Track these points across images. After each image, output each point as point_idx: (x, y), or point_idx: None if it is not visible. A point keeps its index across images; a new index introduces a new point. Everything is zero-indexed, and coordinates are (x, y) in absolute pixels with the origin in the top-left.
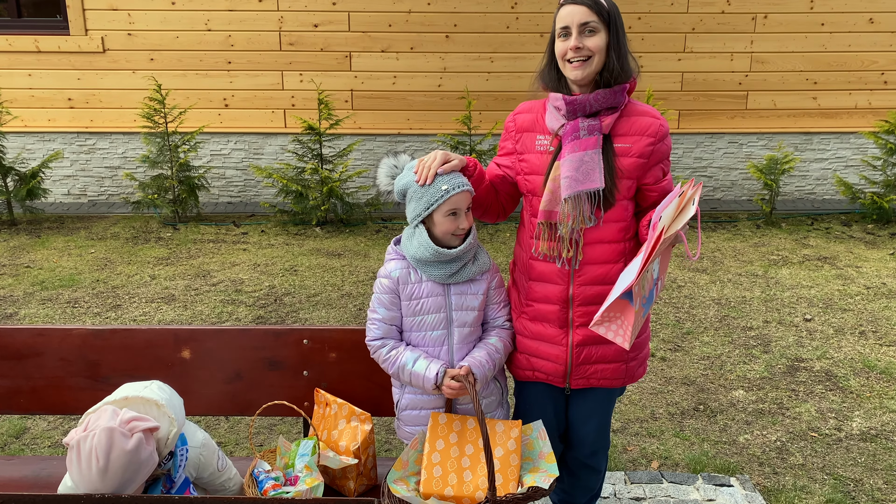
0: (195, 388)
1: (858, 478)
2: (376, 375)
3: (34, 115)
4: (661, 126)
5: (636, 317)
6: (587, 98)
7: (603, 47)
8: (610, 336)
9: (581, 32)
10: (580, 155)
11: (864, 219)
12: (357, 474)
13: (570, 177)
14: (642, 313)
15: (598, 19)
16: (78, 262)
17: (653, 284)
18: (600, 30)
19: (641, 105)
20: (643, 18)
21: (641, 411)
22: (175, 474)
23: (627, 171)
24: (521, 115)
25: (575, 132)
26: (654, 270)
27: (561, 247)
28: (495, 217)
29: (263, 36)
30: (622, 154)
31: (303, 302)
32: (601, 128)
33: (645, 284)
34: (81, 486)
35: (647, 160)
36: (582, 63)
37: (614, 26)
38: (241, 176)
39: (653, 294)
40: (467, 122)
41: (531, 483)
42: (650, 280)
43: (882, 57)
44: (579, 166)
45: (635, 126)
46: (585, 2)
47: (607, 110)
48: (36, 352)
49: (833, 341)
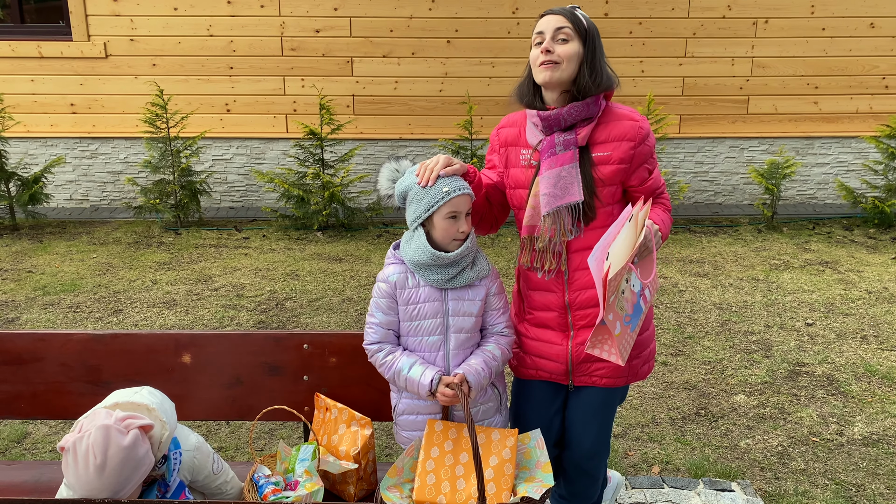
0: (196, 393)
1: (860, 483)
2: (376, 380)
3: (37, 121)
4: (639, 129)
5: (622, 337)
6: (560, 112)
7: (574, 57)
8: (605, 356)
9: (554, 37)
10: (557, 171)
11: (866, 223)
12: (357, 479)
13: (549, 193)
14: (629, 329)
15: (572, 28)
16: (80, 267)
17: (637, 297)
18: (573, 39)
19: (620, 108)
20: (644, 23)
21: (642, 416)
22: (169, 478)
23: (609, 178)
24: (505, 129)
25: (551, 148)
26: (635, 284)
27: (544, 259)
28: (488, 228)
29: (265, 41)
30: (602, 162)
31: (304, 307)
32: (577, 141)
33: (623, 305)
34: (78, 488)
35: (628, 165)
36: (550, 66)
37: (591, 42)
38: (242, 181)
39: (640, 306)
40: (468, 127)
41: (523, 493)
42: (630, 296)
43: (883, 61)
44: (557, 182)
45: (614, 132)
46: (563, 13)
47: (583, 122)
48: (37, 357)
49: (834, 346)
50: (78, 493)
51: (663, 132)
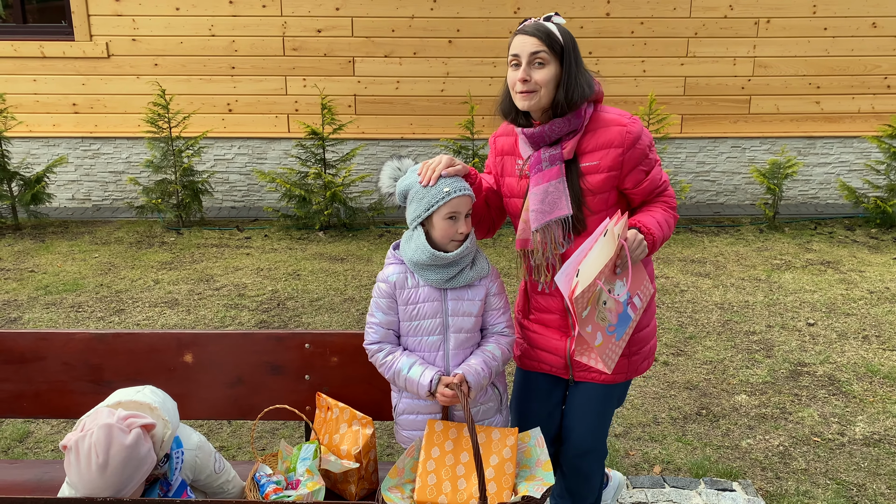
0: (197, 393)
1: (861, 483)
2: (378, 380)
3: (39, 121)
4: (627, 133)
5: (605, 346)
6: (544, 130)
7: (551, 80)
8: (592, 363)
9: (530, 63)
10: (544, 187)
11: (868, 223)
12: (358, 478)
13: (537, 210)
14: (614, 338)
15: (548, 51)
16: (82, 267)
17: (623, 306)
18: (550, 62)
19: (608, 114)
20: (646, 23)
21: (644, 416)
22: (171, 477)
23: (598, 187)
24: (501, 137)
25: (538, 164)
26: (620, 293)
27: (540, 272)
28: (485, 231)
29: (267, 41)
30: (591, 172)
31: (305, 306)
32: (562, 156)
33: (605, 315)
34: (80, 486)
35: (618, 172)
36: (528, 94)
37: (568, 58)
38: (244, 181)
39: (628, 314)
40: (470, 127)
41: (524, 492)
42: (615, 306)
43: (885, 61)
44: (544, 198)
45: (601, 140)
46: (537, 34)
47: (568, 135)
48: (39, 356)
49: (836, 346)
50: (80, 491)
51: (665, 132)
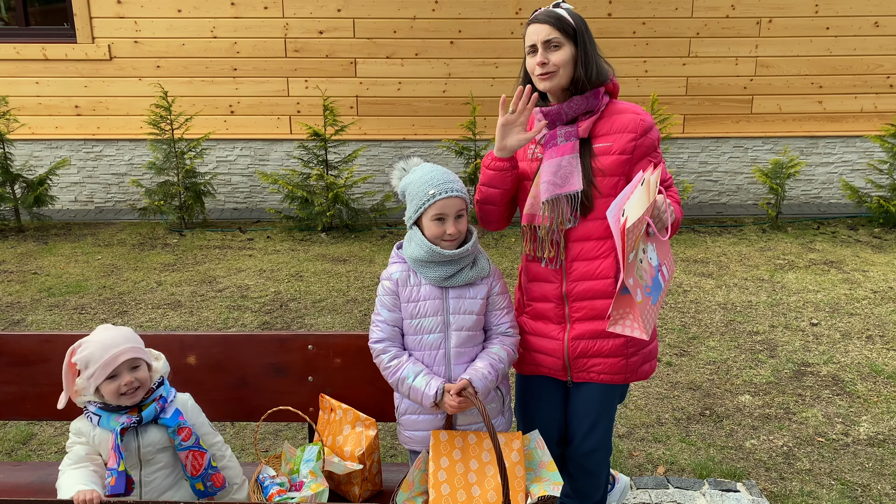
0: (201, 394)
1: (866, 483)
2: (381, 381)
3: (41, 123)
4: (641, 121)
5: (644, 307)
6: (562, 107)
7: (568, 60)
8: (627, 332)
9: (546, 48)
10: (558, 160)
11: (871, 223)
12: (362, 480)
13: (549, 181)
14: (651, 301)
15: (561, 35)
16: (85, 269)
17: (655, 271)
18: (564, 44)
19: (623, 104)
20: (648, 23)
21: (647, 416)
22: (167, 394)
23: (610, 168)
24: None
25: (553, 139)
26: (652, 258)
27: (544, 247)
28: (499, 221)
29: (269, 43)
30: (603, 153)
31: (308, 308)
32: (577, 133)
33: (643, 274)
34: (94, 358)
35: (630, 156)
36: (549, 75)
37: (581, 39)
38: (246, 182)
39: (659, 281)
40: (472, 128)
41: (541, 493)
42: (648, 268)
43: (887, 61)
44: (557, 171)
45: (616, 124)
46: (548, 20)
47: (585, 115)
48: (43, 358)
49: (840, 346)
50: (92, 367)
51: (667, 132)
